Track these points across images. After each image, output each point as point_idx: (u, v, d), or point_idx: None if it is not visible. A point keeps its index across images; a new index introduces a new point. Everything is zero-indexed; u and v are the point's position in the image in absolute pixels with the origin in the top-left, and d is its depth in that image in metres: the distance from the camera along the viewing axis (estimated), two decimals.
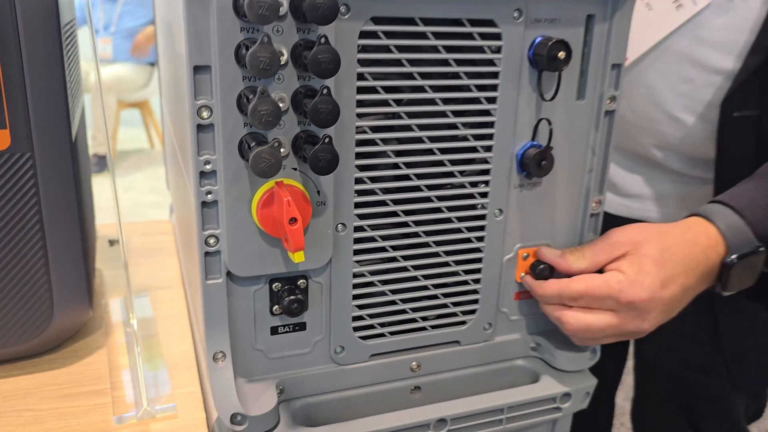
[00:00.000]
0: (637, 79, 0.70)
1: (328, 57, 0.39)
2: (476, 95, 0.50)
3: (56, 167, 0.52)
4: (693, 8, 0.65)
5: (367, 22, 0.45)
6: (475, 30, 0.48)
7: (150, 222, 0.94)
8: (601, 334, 0.53)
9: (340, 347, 0.53)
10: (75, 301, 0.57)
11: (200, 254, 0.46)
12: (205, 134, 0.43)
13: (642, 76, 0.69)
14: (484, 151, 0.52)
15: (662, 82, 0.69)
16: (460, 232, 0.53)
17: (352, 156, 0.48)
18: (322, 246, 0.48)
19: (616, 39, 0.52)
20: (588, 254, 0.55)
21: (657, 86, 0.69)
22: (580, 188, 0.56)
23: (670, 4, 0.66)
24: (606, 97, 0.54)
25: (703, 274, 0.55)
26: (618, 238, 0.54)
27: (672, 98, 0.69)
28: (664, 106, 0.69)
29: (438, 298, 0.55)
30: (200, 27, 0.41)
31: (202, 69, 0.42)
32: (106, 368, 0.58)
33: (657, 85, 0.69)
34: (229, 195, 0.44)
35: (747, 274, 0.56)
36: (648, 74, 0.69)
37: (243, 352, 0.50)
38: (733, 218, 0.56)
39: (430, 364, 0.56)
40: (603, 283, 0.52)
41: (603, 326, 0.53)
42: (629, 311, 0.52)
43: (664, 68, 0.68)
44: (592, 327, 0.53)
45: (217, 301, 0.47)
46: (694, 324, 0.79)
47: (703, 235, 0.55)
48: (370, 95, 0.47)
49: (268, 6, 0.37)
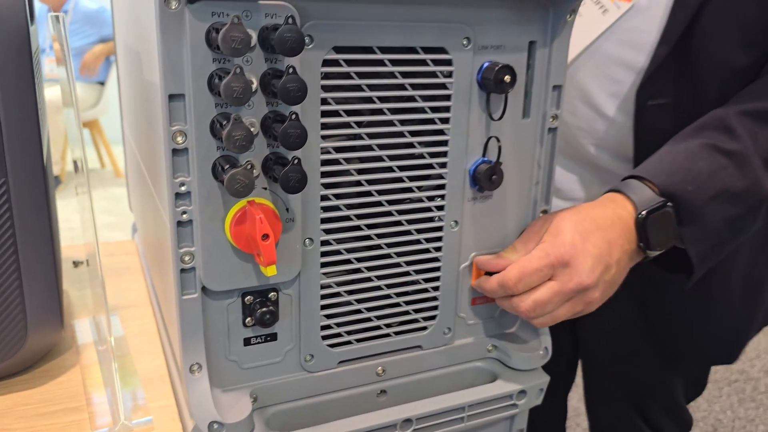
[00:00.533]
0: (571, 83, 0.75)
1: (296, 86, 0.43)
2: (431, 116, 0.54)
3: (29, 191, 0.54)
4: (617, 12, 0.71)
5: (329, 51, 0.49)
6: (428, 57, 0.52)
7: (114, 243, 0.95)
8: (552, 305, 0.57)
9: (309, 355, 0.56)
10: (48, 322, 0.58)
11: (176, 271, 0.48)
12: (180, 158, 0.46)
13: (575, 79, 0.74)
14: (439, 168, 0.56)
15: (594, 83, 0.74)
16: (419, 243, 0.57)
17: (318, 175, 0.51)
18: (292, 260, 0.51)
19: (555, 62, 0.57)
20: (519, 246, 0.60)
21: (590, 88, 0.74)
22: (528, 199, 0.61)
23: (597, 10, 0.72)
24: (549, 116, 0.59)
25: (622, 231, 0.60)
26: (537, 224, 0.60)
27: (604, 98, 0.74)
28: (597, 106, 0.74)
29: (400, 306, 0.58)
30: (174, 58, 0.44)
31: (176, 97, 0.45)
32: (79, 386, 0.59)
33: (590, 86, 0.74)
34: (204, 214, 0.47)
35: (663, 230, 0.61)
36: (580, 76, 0.74)
37: (218, 363, 0.53)
38: (637, 184, 0.62)
39: (394, 368, 0.60)
40: (531, 257, 0.57)
41: (549, 295, 0.56)
42: (563, 270, 0.56)
43: (595, 70, 0.73)
44: (540, 300, 0.56)
45: (192, 315, 0.50)
46: (625, 314, 0.85)
47: (610, 200, 0.62)
48: (333, 118, 0.51)
49: (240, 40, 0.40)
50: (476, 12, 0.53)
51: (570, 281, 0.56)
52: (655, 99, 0.71)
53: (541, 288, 0.57)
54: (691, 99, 0.70)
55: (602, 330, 0.90)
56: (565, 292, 0.57)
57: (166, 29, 0.43)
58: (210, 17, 0.43)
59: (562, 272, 0.56)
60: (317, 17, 0.47)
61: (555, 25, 0.56)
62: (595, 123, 0.75)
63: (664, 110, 0.71)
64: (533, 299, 0.57)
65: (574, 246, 0.56)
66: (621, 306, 0.84)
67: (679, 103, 0.70)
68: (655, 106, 0.71)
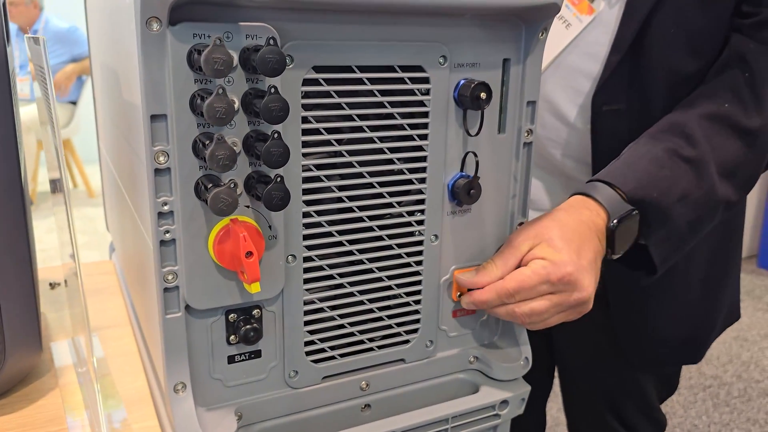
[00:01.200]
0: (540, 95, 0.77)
1: (278, 105, 0.43)
2: (409, 133, 0.55)
3: (7, 212, 0.54)
4: (579, 25, 0.73)
5: (309, 70, 0.49)
6: (406, 75, 0.53)
7: (91, 263, 0.94)
8: (548, 314, 0.59)
9: (294, 371, 0.56)
10: (27, 344, 0.58)
11: (159, 290, 0.48)
12: (162, 177, 0.46)
13: (543, 92, 0.76)
14: (418, 183, 0.57)
15: (561, 94, 0.76)
16: (400, 257, 0.58)
17: (299, 192, 0.52)
18: (275, 277, 0.52)
19: (529, 79, 0.59)
20: (498, 262, 0.60)
21: (557, 99, 0.77)
22: (506, 212, 0.62)
23: (560, 25, 0.74)
24: (524, 130, 0.60)
25: (598, 238, 0.62)
26: (517, 238, 0.61)
27: (570, 109, 0.76)
28: (564, 116, 0.77)
29: (383, 320, 0.59)
30: (156, 79, 0.44)
31: (158, 117, 0.45)
32: (59, 410, 0.58)
33: (557, 98, 0.77)
34: (187, 233, 0.47)
35: (626, 236, 0.64)
36: (548, 89, 0.76)
37: (202, 382, 0.53)
38: (607, 190, 0.65)
39: (378, 382, 0.60)
40: (531, 273, 0.58)
41: (547, 306, 0.58)
42: (564, 287, 0.58)
43: (560, 82, 0.76)
44: (538, 310, 0.58)
45: (176, 335, 0.50)
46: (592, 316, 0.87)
47: (585, 209, 0.63)
48: (314, 136, 0.51)
49: (223, 62, 0.41)
50: (452, 31, 0.54)
51: (571, 297, 0.59)
52: (609, 105, 0.74)
53: (541, 299, 0.58)
54: (642, 104, 0.73)
55: (572, 333, 0.92)
56: (565, 305, 0.59)
57: (148, 51, 0.43)
58: (191, 39, 0.44)
59: (564, 289, 0.58)
60: (297, 38, 0.48)
61: (528, 43, 0.58)
62: (562, 132, 0.78)
63: (617, 115, 0.74)
64: (531, 308, 0.58)
65: (574, 264, 0.58)
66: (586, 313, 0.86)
67: (631, 108, 0.73)
68: (610, 112, 0.74)
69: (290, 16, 0.48)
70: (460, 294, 0.62)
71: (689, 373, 2.23)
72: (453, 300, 0.62)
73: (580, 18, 0.73)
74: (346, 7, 0.49)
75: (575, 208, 0.64)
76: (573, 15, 0.73)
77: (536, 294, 0.58)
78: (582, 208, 0.64)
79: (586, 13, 0.72)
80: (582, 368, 0.96)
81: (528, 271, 0.58)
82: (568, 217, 0.62)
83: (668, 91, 0.72)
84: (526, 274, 0.58)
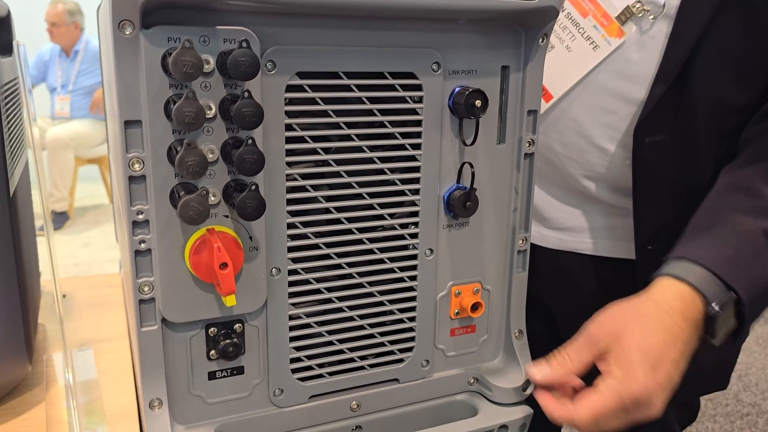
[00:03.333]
0: (565, 113, 0.74)
1: (251, 110, 0.42)
2: (401, 142, 0.53)
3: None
4: (608, 48, 0.71)
5: (293, 76, 0.48)
6: (397, 82, 0.51)
7: (99, 276, 0.93)
8: (613, 425, 0.55)
9: (279, 390, 0.54)
10: (12, 357, 0.57)
11: (134, 302, 0.47)
12: (137, 185, 0.45)
13: (568, 111, 0.74)
14: (411, 194, 0.54)
15: (587, 114, 0.73)
16: (392, 272, 0.56)
17: (284, 202, 0.50)
18: (256, 290, 0.50)
19: (530, 87, 0.56)
20: (573, 357, 0.56)
21: (583, 119, 0.74)
22: (507, 226, 0.59)
23: (587, 46, 0.72)
24: (525, 141, 0.57)
25: (689, 336, 0.56)
26: (595, 332, 0.56)
27: (597, 129, 0.73)
28: (590, 137, 0.74)
29: (375, 337, 0.56)
30: (130, 84, 0.43)
31: (133, 123, 0.44)
32: (43, 424, 0.57)
33: (582, 118, 0.74)
34: (162, 243, 0.46)
35: (728, 319, 0.58)
36: (574, 108, 0.74)
37: (181, 398, 0.51)
38: (701, 272, 0.58)
39: (370, 402, 0.58)
40: (602, 400, 0.53)
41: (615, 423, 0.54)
42: (634, 405, 0.54)
43: (588, 101, 0.73)
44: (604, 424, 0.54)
45: (152, 348, 0.48)
46: None
47: (678, 300, 0.57)
48: (299, 144, 0.49)
49: (192, 64, 0.40)
50: (445, 36, 0.52)
51: (641, 414, 0.54)
52: (652, 137, 0.70)
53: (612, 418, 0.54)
54: (687, 136, 0.70)
55: None
56: (632, 419, 0.55)
57: (121, 55, 0.42)
58: (166, 42, 0.43)
59: (635, 407, 0.54)
60: (279, 42, 0.47)
61: (528, 50, 0.55)
62: (588, 155, 0.74)
63: (661, 147, 0.71)
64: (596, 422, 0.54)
65: (647, 383, 0.53)
66: None
67: (675, 140, 0.70)
68: (653, 143, 0.71)
69: (272, 21, 0.46)
70: (457, 311, 0.59)
71: (726, 400, 2.13)
72: (451, 317, 0.59)
73: (609, 40, 0.70)
74: (330, 11, 0.47)
75: (666, 302, 0.57)
76: (601, 37, 0.71)
77: (612, 421, 0.54)
78: (674, 300, 0.57)
79: (615, 36, 0.70)
80: None
81: (598, 400, 0.54)
82: (657, 315, 0.56)
83: (714, 123, 0.69)
84: (597, 404, 0.53)
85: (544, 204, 0.81)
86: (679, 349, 0.56)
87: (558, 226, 0.82)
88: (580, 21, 0.72)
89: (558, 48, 0.73)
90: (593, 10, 0.71)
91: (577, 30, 0.72)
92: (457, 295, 0.59)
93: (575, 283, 0.82)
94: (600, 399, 0.54)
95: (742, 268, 0.59)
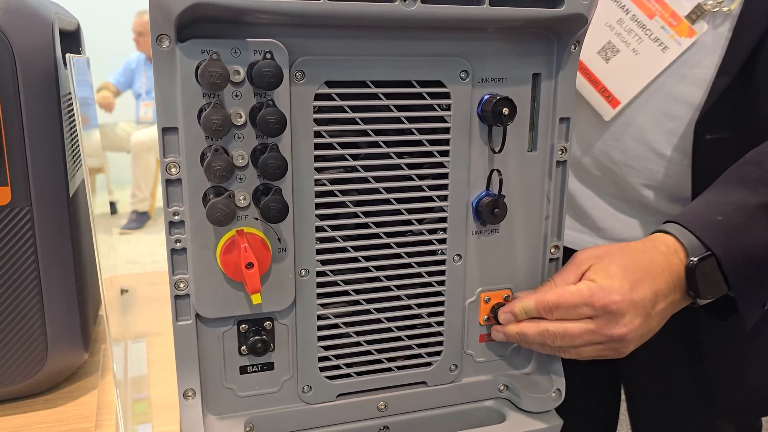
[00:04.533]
0: (628, 121, 0.72)
1: (274, 118, 0.44)
2: (429, 149, 0.54)
3: (53, 220, 0.58)
4: (678, 49, 0.68)
5: (321, 85, 0.50)
6: (425, 90, 0.53)
7: (161, 272, 0.99)
8: (580, 341, 0.56)
9: (307, 386, 0.56)
10: (68, 345, 0.61)
11: (171, 297, 0.50)
12: (174, 188, 0.48)
13: (631, 117, 0.72)
14: (439, 201, 0.55)
15: (649, 121, 0.71)
16: (420, 276, 0.57)
17: (312, 206, 0.52)
18: (284, 290, 0.52)
19: (562, 95, 0.56)
20: (558, 280, 0.58)
21: (644, 125, 0.71)
22: (538, 234, 0.59)
23: (655, 48, 0.69)
24: (557, 148, 0.57)
25: (671, 280, 0.57)
26: (581, 256, 0.58)
27: (659, 136, 0.71)
28: (651, 144, 0.71)
29: (402, 340, 0.58)
30: (167, 93, 0.46)
31: (170, 130, 0.47)
32: (94, 408, 0.62)
33: (644, 124, 0.71)
34: (196, 242, 0.49)
35: (714, 278, 0.58)
36: (637, 115, 0.72)
37: (214, 391, 0.54)
38: (686, 232, 0.59)
39: (397, 404, 0.59)
40: (575, 291, 0.55)
41: (581, 332, 0.55)
42: (604, 315, 0.55)
43: (652, 107, 0.71)
44: (571, 332, 0.55)
45: (186, 342, 0.51)
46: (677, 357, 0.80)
47: (662, 245, 0.59)
48: (327, 151, 0.51)
49: (218, 75, 0.42)
50: (474, 45, 0.53)
51: (608, 329, 0.55)
52: (713, 133, 0.68)
53: (577, 322, 0.55)
54: (750, 132, 0.67)
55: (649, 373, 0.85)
56: (600, 335, 0.55)
57: (160, 66, 0.46)
58: (200, 54, 0.45)
59: (603, 317, 0.55)
60: (308, 53, 0.49)
61: (560, 57, 0.55)
62: (648, 162, 0.73)
63: (723, 144, 0.68)
64: (565, 328, 0.55)
65: (623, 296, 0.55)
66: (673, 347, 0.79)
67: (739, 136, 0.67)
68: (714, 140, 0.68)
69: (300, 32, 0.48)
70: (487, 318, 0.59)
71: None
72: (480, 324, 0.60)
73: (678, 41, 0.68)
74: (357, 22, 0.49)
75: (652, 243, 0.59)
76: (670, 37, 0.69)
77: (575, 315, 0.55)
78: (659, 243, 0.59)
79: (685, 36, 0.68)
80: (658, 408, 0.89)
81: (573, 288, 0.56)
82: (640, 251, 0.58)
83: None
84: (570, 291, 0.55)
85: (599, 214, 0.80)
86: (659, 284, 0.56)
87: (613, 236, 0.80)
88: (646, 23, 0.70)
89: (624, 52, 0.71)
90: (660, 10, 0.69)
91: (643, 32, 0.70)
92: (487, 302, 0.59)
93: None
94: (571, 290, 0.55)
95: (726, 234, 0.58)
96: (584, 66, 0.72)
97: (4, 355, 0.58)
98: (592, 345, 0.56)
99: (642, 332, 0.57)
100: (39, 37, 0.56)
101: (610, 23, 0.71)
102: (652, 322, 0.57)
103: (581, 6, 0.51)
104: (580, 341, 0.56)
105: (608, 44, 0.71)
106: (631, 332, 0.55)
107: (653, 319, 0.57)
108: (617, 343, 0.56)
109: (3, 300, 0.57)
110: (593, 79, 0.72)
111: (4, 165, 0.55)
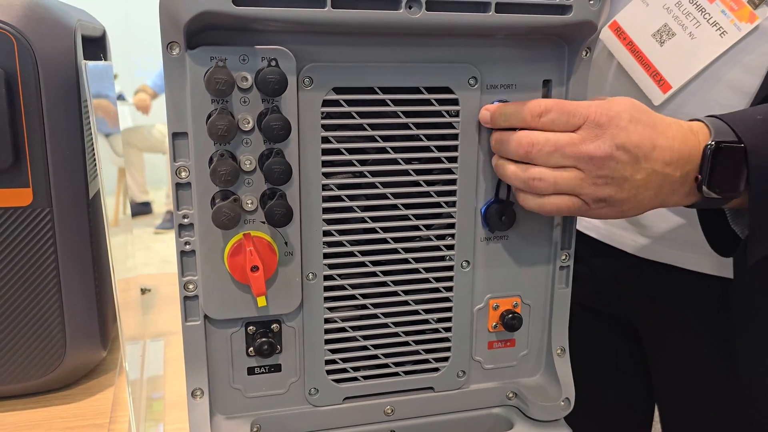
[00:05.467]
0: (677, 107, 0.69)
1: (279, 124, 0.45)
2: (437, 155, 0.54)
3: (73, 221, 0.60)
4: (737, 34, 0.65)
5: (329, 91, 0.50)
6: (433, 96, 0.53)
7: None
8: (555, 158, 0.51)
9: (314, 389, 0.56)
10: (87, 343, 0.63)
11: (180, 298, 0.51)
12: (184, 191, 0.49)
13: (680, 107, 0.69)
14: (447, 207, 0.55)
15: (700, 107, 0.68)
16: (428, 282, 0.57)
17: (320, 211, 0.53)
18: (291, 293, 0.53)
19: (573, 100, 0.55)
20: None
21: (695, 112, 0.67)
22: (549, 242, 0.59)
23: (713, 32, 0.67)
24: None
25: (679, 151, 0.54)
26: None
27: None
28: None
29: (410, 345, 0.58)
30: (178, 99, 0.47)
31: (180, 135, 0.48)
32: (110, 405, 0.63)
33: (695, 111, 0.68)
34: (204, 245, 0.50)
35: (729, 172, 0.54)
36: (687, 104, 0.69)
37: (222, 391, 0.55)
38: (715, 120, 0.56)
39: (404, 408, 0.59)
40: (572, 101, 0.52)
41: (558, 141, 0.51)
42: (591, 129, 0.51)
43: (704, 94, 0.68)
44: (551, 140, 0.51)
45: (195, 342, 0.52)
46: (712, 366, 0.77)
47: (686, 123, 0.56)
48: (335, 156, 0.52)
49: (224, 81, 0.43)
50: (482, 51, 0.53)
51: (589, 140, 0.51)
52: None
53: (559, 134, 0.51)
54: None
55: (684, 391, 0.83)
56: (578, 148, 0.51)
57: (170, 73, 0.47)
58: (209, 61, 0.46)
59: (589, 128, 0.51)
60: (316, 59, 0.50)
61: (571, 63, 0.55)
62: None
63: None
64: (545, 137, 0.51)
65: (619, 118, 0.51)
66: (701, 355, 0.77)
67: None
68: None
69: (308, 39, 0.49)
70: (495, 325, 0.59)
71: None
72: (489, 330, 0.59)
73: (738, 26, 0.65)
74: (362, 29, 0.49)
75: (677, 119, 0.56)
76: (730, 22, 0.66)
77: (564, 125, 0.51)
78: (684, 122, 0.56)
79: (746, 21, 0.65)
80: (686, 417, 0.86)
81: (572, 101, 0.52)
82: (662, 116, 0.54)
83: None
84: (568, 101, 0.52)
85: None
86: (660, 140, 0.52)
87: (657, 235, 0.77)
88: (706, 6, 0.67)
89: (680, 35, 0.68)
90: None
91: (702, 16, 0.68)
92: (496, 308, 0.59)
93: (670, 301, 0.77)
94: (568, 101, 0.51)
95: (764, 130, 0.54)
96: (637, 48, 0.70)
97: (24, 351, 0.60)
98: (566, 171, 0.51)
99: (625, 175, 0.52)
100: (61, 43, 0.58)
101: (668, 6, 0.69)
102: (638, 174, 0.52)
103: (590, 13, 0.50)
104: (555, 158, 0.51)
105: (664, 27, 0.69)
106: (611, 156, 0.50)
107: (640, 171, 0.52)
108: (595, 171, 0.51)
109: (24, 298, 0.59)
110: (645, 61, 0.70)
111: (26, 167, 0.57)
